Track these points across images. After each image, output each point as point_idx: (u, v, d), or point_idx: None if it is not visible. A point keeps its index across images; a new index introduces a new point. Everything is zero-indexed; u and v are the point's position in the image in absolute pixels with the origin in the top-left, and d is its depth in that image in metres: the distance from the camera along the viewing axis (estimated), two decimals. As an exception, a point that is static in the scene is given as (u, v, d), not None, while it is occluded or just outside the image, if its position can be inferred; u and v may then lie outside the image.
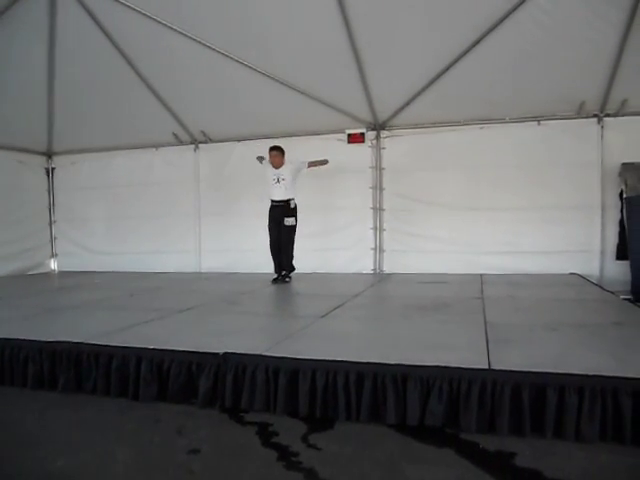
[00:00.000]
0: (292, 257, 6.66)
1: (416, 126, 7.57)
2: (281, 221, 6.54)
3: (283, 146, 6.77)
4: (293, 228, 6.57)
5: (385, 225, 7.84)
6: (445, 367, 2.72)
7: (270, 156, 6.65)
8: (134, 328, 4.01)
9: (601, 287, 5.97)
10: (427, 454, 2.45)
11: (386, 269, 7.84)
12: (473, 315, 4.26)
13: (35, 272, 9.11)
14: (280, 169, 6.62)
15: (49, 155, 9.44)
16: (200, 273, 8.12)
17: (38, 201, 9.34)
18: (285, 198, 6.57)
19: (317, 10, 5.88)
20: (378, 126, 7.75)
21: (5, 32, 6.30)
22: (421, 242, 7.55)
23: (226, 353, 3.09)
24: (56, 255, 9.61)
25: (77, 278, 8.07)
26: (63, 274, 9.08)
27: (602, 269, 6.90)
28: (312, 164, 6.85)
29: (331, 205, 7.90)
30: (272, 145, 6.75)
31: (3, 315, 4.75)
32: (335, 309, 4.66)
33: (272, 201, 6.67)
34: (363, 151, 7.82)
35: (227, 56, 6.65)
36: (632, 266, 6.36)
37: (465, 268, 7.19)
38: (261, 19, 6.07)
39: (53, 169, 9.52)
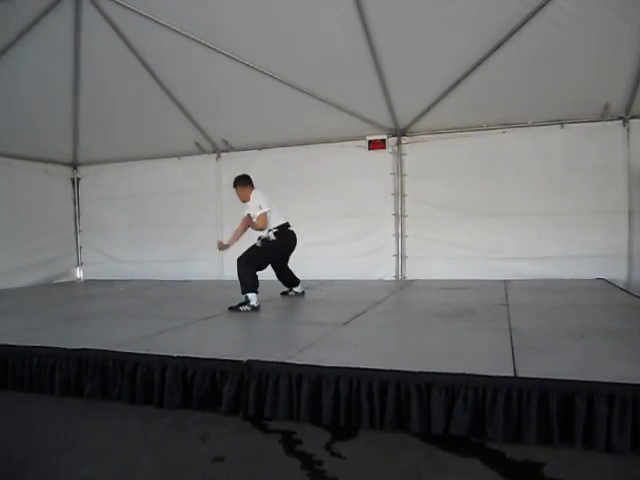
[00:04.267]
0: (247, 282, 5.26)
1: (437, 131, 7.53)
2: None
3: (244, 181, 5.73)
4: (251, 249, 5.44)
5: (407, 231, 7.80)
6: (470, 375, 2.69)
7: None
8: (158, 336, 4.04)
9: (629, 292, 5.85)
10: (452, 464, 2.42)
11: (408, 276, 7.79)
12: (497, 322, 4.21)
13: (61, 281, 9.26)
14: (247, 203, 5.59)
15: (74, 166, 9.59)
16: (223, 281, 8.15)
17: (64, 211, 9.50)
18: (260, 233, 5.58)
19: (336, 17, 5.90)
20: (399, 132, 7.73)
21: (31, 46, 6.43)
22: (443, 248, 7.49)
23: (249, 361, 3.10)
24: (81, 264, 9.75)
25: (102, 286, 8.19)
26: (88, 282, 9.21)
27: (630, 274, 6.76)
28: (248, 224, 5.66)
29: (352, 212, 7.88)
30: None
31: (30, 324, 4.84)
32: (357, 316, 4.65)
33: None
34: (384, 157, 7.80)
35: (248, 65, 6.69)
36: (661, 271, 6.22)
37: (488, 274, 7.11)
38: (280, 28, 6.11)
39: (79, 179, 9.67)
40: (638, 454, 2.39)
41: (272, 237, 5.49)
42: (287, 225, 5.66)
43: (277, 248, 5.60)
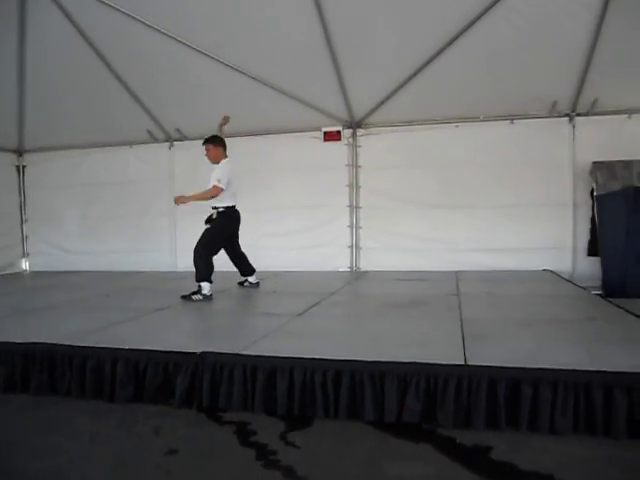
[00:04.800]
0: (201, 269, 5.24)
1: (392, 124, 7.60)
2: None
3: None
4: (205, 235, 5.37)
5: (362, 223, 7.86)
6: (422, 363, 2.74)
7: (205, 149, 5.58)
8: (109, 328, 3.95)
9: (573, 283, 6.08)
10: (405, 450, 2.47)
11: (363, 267, 7.87)
12: (449, 312, 4.30)
13: (5, 272, 8.91)
14: (214, 166, 5.51)
15: (20, 153, 9.23)
16: (176, 272, 8.03)
17: (8, 200, 9.12)
18: (212, 204, 5.49)
19: (292, 6, 5.87)
20: (354, 124, 7.77)
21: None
22: (398, 240, 7.59)
23: (203, 352, 3.07)
24: (28, 255, 9.42)
25: (50, 278, 7.93)
26: (35, 274, 8.90)
27: (574, 265, 7.04)
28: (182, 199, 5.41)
29: (307, 203, 7.88)
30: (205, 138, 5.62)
31: (-27, 317, 4.64)
32: (312, 307, 4.67)
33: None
34: (339, 149, 7.83)
35: (201, 52, 6.59)
36: (602, 262, 6.49)
37: (442, 265, 7.25)
38: (235, 15, 6.04)
39: (24, 167, 9.31)
40: (579, 435, 2.51)
41: (214, 215, 5.46)
42: (234, 207, 5.65)
43: (223, 227, 5.58)
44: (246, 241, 6.08)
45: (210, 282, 5.27)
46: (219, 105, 7.44)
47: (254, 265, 6.18)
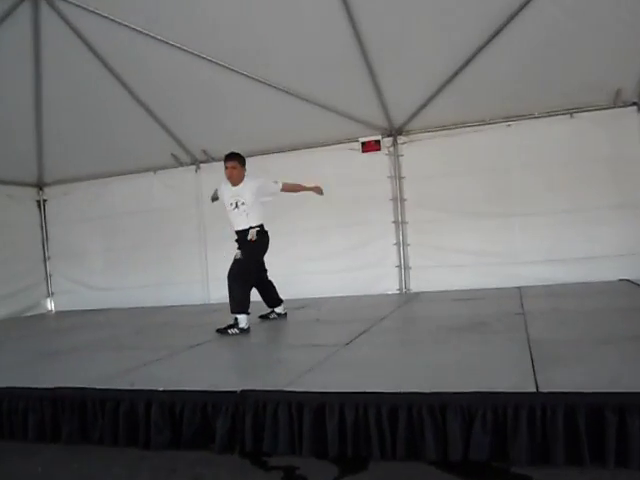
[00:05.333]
0: (238, 300, 5.29)
1: (436, 129, 7.58)
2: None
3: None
4: (241, 263, 5.37)
5: (409, 239, 7.82)
6: (488, 393, 2.68)
7: (226, 169, 5.56)
8: (142, 369, 4.01)
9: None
10: (475, 492, 2.40)
11: (413, 288, 7.80)
12: (514, 333, 4.21)
13: (31, 314, 9.19)
14: (238, 187, 5.53)
15: (40, 187, 9.58)
16: (209, 305, 8.12)
17: (30, 236, 9.46)
18: (243, 227, 5.50)
19: (321, 13, 5.91)
20: (394, 131, 7.78)
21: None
22: (450, 256, 7.51)
23: (243, 391, 3.08)
24: (52, 294, 9.70)
25: (76, 318, 8.13)
26: (61, 314, 9.15)
27: (657, 273, 6.80)
28: (293, 188, 5.85)
29: (348, 221, 7.89)
30: (228, 153, 5.63)
31: (-1, 363, 4.79)
32: (360, 335, 4.64)
33: (235, 232, 5.63)
34: (379, 160, 7.85)
35: (226, 67, 6.71)
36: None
37: (501, 281, 7.12)
38: (260, 26, 6.13)
39: (45, 201, 9.65)
40: (678, 470, 2.39)
41: (254, 236, 5.45)
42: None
43: (260, 251, 5.63)
44: (282, 266, 6.13)
45: (248, 314, 5.29)
46: (247, 122, 7.60)
47: (293, 293, 6.19)
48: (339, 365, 3.66)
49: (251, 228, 5.47)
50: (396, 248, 7.86)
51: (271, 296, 6.00)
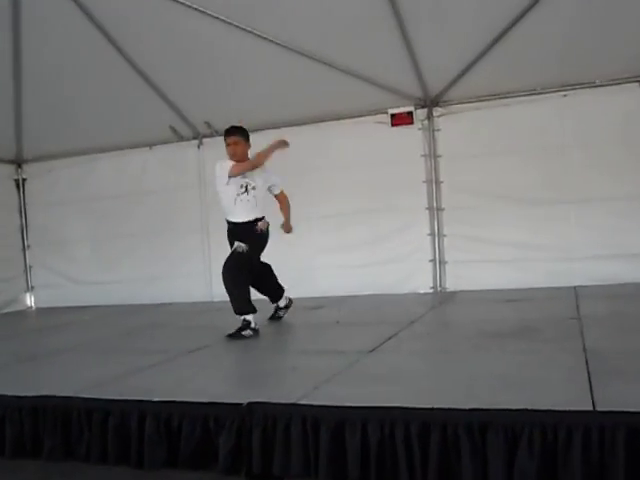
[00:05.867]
0: (242, 299, 5.35)
1: (479, 99, 7.51)
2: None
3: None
4: (243, 257, 5.44)
5: (445, 229, 7.78)
6: (535, 411, 2.67)
7: (227, 146, 5.55)
8: (134, 376, 4.05)
9: None
10: (519, 526, 2.40)
11: (449, 286, 7.77)
12: (568, 341, 4.19)
13: (7, 310, 9.27)
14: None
15: (18, 164, 9.66)
16: (212, 302, 8.17)
17: (6, 221, 9.51)
18: (249, 218, 5.54)
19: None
20: (430, 102, 7.72)
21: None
22: (493, 249, 7.46)
23: (251, 403, 3.10)
24: (32, 288, 9.79)
25: (60, 316, 8.23)
26: (42, 311, 9.26)
27: None
28: (263, 155, 5.58)
29: (373, 208, 7.86)
30: (228, 127, 5.61)
31: (-29, 366, 4.87)
32: (387, 341, 4.64)
33: (231, 223, 5.66)
34: (412, 135, 7.80)
35: (234, 26, 6.69)
36: None
37: (553, 280, 7.07)
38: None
39: (24, 180, 9.73)
40: None
41: (265, 228, 5.62)
42: None
43: (263, 244, 5.70)
44: (295, 260, 6.13)
45: (255, 312, 5.33)
46: (258, 90, 7.57)
47: (306, 289, 6.19)
48: (362, 375, 3.67)
49: (257, 220, 5.55)
50: (430, 239, 7.82)
51: (272, 284, 5.95)
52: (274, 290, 5.99)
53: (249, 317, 5.29)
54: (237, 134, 5.57)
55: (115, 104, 8.16)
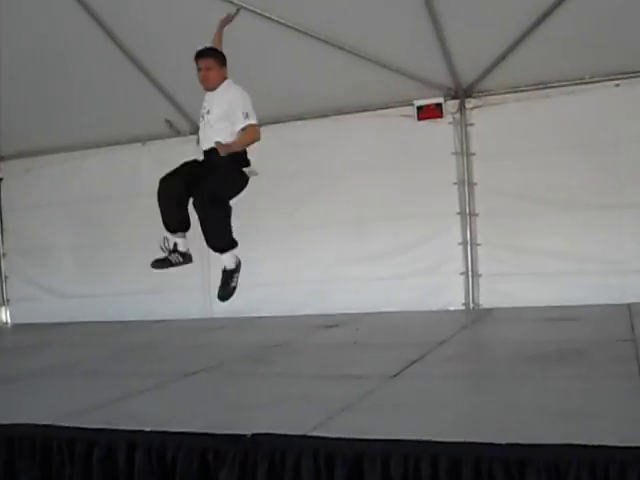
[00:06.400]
0: (223, 229, 5.50)
1: (518, 89, 7.52)
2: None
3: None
4: (218, 185, 5.46)
5: (480, 238, 7.77)
6: (582, 446, 2.65)
7: (199, 71, 5.53)
8: (123, 402, 4.06)
9: None
10: None
11: (484, 302, 7.75)
12: (621, 366, 4.16)
13: (-20, 327, 9.36)
14: (213, 93, 5.52)
15: (-6, 161, 9.73)
16: (212, 319, 8.19)
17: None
18: (211, 144, 5.33)
19: None
20: (461, 93, 7.72)
21: None
22: (534, 260, 7.45)
23: (255, 435, 3.09)
24: (8, 302, 9.85)
25: (39, 333, 8.26)
26: (19, 328, 9.30)
27: None
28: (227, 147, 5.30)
29: (397, 213, 7.86)
30: (201, 49, 5.54)
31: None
32: (411, 365, 4.64)
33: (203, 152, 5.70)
34: (441, 130, 7.81)
35: (241, 6, 6.72)
36: None
37: (603, 296, 7.03)
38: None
39: (0, 180, 9.81)
40: None
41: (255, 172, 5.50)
42: None
43: (234, 181, 5.56)
44: (309, 271, 6.12)
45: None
46: (266, 78, 7.58)
47: (321, 305, 6.16)
48: (383, 403, 3.66)
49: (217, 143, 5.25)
50: (462, 249, 7.82)
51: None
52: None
53: (229, 255, 5.49)
54: (210, 57, 5.47)
55: (104, 94, 8.21)
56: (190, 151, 8.70)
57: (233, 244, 5.42)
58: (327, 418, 3.34)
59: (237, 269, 5.63)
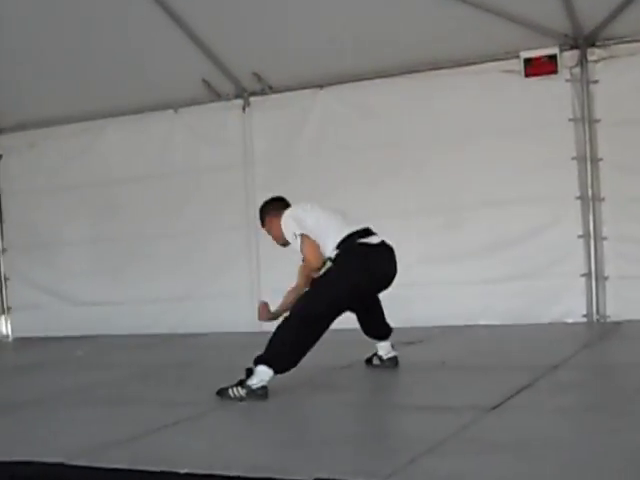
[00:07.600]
0: (280, 345, 5.21)
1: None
2: None
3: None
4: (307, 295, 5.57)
5: (606, 229, 7.69)
6: None
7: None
8: (151, 437, 4.11)
9: None
10: None
11: (612, 313, 7.67)
12: None
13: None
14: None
15: (-10, 134, 9.93)
16: (261, 333, 8.23)
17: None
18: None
19: None
20: (583, 41, 7.62)
21: None
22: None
23: (317, 480, 3.11)
24: (9, 310, 10.07)
25: (46, 349, 8.41)
26: (22, 343, 9.47)
27: None
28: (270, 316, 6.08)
29: (499, 198, 7.83)
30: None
31: None
32: (517, 394, 4.60)
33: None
34: (556, 90, 7.75)
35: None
36: None
37: None
38: None
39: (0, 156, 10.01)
40: None
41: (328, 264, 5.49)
42: (359, 235, 5.50)
43: (348, 281, 5.40)
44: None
45: (277, 372, 5.03)
46: (328, 27, 7.59)
47: (398, 316, 6.12)
48: (479, 444, 3.63)
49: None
50: (583, 244, 7.75)
51: (376, 322, 5.95)
52: (380, 327, 6.02)
53: (261, 370, 4.98)
54: (262, 225, 5.91)
55: (127, 51, 8.32)
56: (233, 119, 8.82)
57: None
58: (408, 461, 3.33)
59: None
